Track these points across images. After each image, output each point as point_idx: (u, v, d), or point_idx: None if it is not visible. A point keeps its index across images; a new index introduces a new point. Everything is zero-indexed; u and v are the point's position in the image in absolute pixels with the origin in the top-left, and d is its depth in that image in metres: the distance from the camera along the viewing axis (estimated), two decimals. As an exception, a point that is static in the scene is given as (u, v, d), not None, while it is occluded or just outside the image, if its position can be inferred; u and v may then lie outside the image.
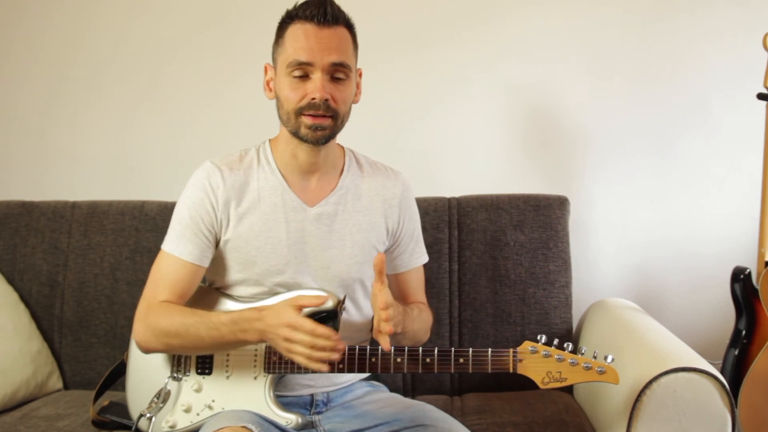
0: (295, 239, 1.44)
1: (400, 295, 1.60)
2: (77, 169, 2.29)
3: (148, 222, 1.94)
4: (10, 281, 1.95)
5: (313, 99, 1.36)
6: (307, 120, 1.37)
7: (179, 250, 1.42)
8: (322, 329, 1.24)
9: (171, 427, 1.37)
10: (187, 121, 2.26)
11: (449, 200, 1.97)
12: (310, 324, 1.25)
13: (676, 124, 2.18)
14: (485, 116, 2.22)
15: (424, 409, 1.42)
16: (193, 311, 1.36)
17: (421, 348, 1.34)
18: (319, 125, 1.37)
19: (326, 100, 1.36)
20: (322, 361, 1.25)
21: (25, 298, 1.94)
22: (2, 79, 2.31)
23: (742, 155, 2.15)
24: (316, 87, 1.35)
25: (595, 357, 1.33)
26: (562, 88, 2.20)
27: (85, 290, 1.93)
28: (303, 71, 1.36)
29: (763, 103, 1.88)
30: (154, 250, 1.53)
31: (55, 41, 2.29)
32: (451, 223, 1.93)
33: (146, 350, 1.40)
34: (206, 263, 1.45)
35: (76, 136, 2.29)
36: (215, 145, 2.22)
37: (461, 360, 1.33)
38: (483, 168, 2.22)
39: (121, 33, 2.27)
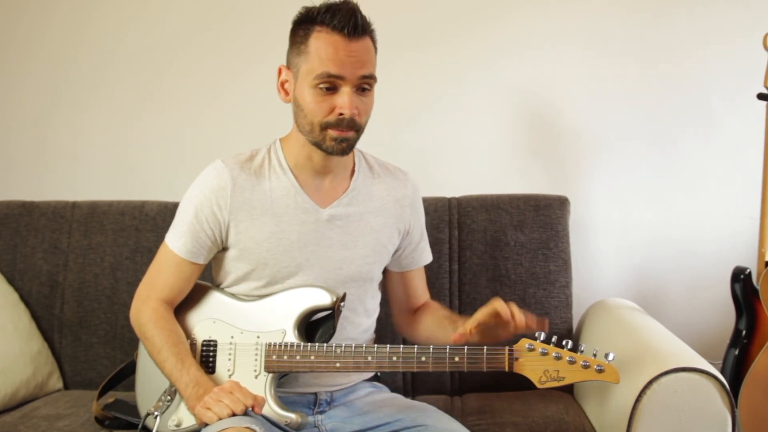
0: (307, 241, 1.44)
1: (406, 294, 1.61)
2: (77, 169, 2.29)
3: (148, 222, 1.94)
4: (10, 281, 1.95)
5: (341, 115, 1.34)
6: (333, 133, 1.36)
7: (179, 247, 1.44)
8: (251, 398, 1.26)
9: (177, 425, 1.37)
10: (187, 122, 2.26)
11: (449, 200, 1.97)
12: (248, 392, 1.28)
13: (676, 124, 2.18)
14: (485, 116, 2.21)
15: (425, 409, 1.43)
16: (177, 342, 1.38)
17: (416, 347, 1.34)
18: (344, 138, 1.36)
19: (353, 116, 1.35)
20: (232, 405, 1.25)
21: (25, 298, 1.94)
22: (2, 79, 2.31)
23: (742, 155, 2.15)
24: (345, 103, 1.33)
25: (594, 355, 1.30)
26: (562, 88, 2.19)
27: (85, 290, 1.93)
28: (331, 84, 1.33)
29: (763, 103, 1.88)
30: (154, 250, 1.54)
31: (56, 41, 2.28)
32: (451, 223, 1.93)
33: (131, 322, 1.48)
34: (205, 261, 1.47)
35: (76, 136, 2.29)
36: (215, 146, 2.22)
37: (456, 359, 1.32)
38: (483, 168, 2.22)
39: (121, 33, 2.27)
